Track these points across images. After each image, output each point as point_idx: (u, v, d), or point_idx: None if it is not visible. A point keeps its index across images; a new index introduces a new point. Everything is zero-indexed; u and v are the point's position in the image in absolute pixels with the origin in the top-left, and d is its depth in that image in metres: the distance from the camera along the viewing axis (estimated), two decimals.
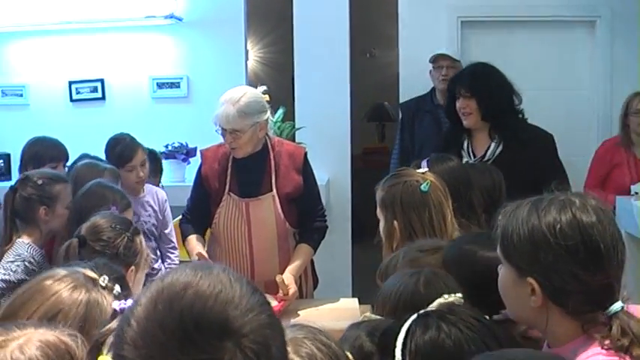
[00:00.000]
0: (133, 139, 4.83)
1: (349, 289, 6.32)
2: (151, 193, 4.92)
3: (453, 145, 4.77)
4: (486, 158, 4.62)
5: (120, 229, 3.06)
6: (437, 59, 5.91)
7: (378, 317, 2.23)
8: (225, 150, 4.22)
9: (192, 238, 4.30)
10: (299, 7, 6.43)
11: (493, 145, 4.65)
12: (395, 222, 3.21)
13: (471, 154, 4.72)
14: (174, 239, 4.98)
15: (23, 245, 3.70)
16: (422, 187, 3.20)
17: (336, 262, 6.26)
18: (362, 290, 6.52)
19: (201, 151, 4.45)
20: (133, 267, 2.99)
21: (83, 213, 3.45)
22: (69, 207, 3.79)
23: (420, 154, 5.06)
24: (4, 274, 3.54)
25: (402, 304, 2.21)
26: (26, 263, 3.60)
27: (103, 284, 2.09)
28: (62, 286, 2.02)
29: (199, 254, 4.10)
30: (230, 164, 4.23)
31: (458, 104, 4.70)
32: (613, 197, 5.30)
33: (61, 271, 2.10)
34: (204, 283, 1.36)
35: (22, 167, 4.90)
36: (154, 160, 4.94)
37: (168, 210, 4.97)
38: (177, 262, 4.84)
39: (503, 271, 2.07)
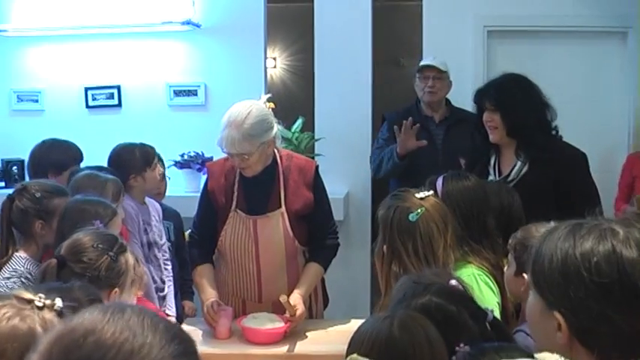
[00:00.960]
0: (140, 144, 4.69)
1: (367, 307, 6.13)
2: (150, 203, 4.70)
3: (480, 160, 4.55)
4: (510, 178, 4.36)
5: (102, 248, 2.86)
6: (423, 70, 5.68)
7: None
8: (232, 164, 4.04)
9: (201, 272, 4.13)
10: (320, 15, 6.28)
11: (519, 164, 4.38)
12: (384, 245, 3.11)
13: (497, 171, 4.47)
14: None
15: (20, 260, 3.54)
16: (410, 216, 3.07)
17: (354, 278, 6.11)
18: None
19: (207, 166, 4.29)
20: (116, 289, 2.83)
21: (65, 233, 3.29)
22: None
23: (415, 168, 5.02)
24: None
25: (376, 350, 2.08)
26: (22, 279, 3.42)
27: (40, 304, 1.87)
28: None
29: (214, 304, 3.93)
30: (237, 179, 4.07)
31: (484, 117, 4.45)
32: None
33: None
34: (109, 330, 1.22)
35: (39, 175, 4.65)
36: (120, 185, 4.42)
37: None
38: (171, 273, 4.61)
39: (532, 300, 1.87)
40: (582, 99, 6.21)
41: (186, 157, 6.14)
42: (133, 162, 4.56)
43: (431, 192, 3.19)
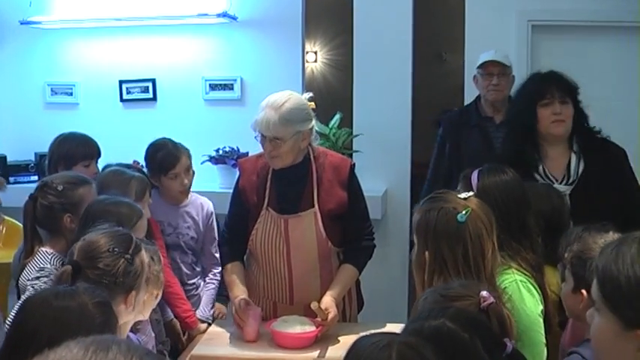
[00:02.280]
0: (175, 144, 4.52)
1: (404, 309, 5.98)
2: (195, 204, 4.59)
3: (524, 165, 4.12)
4: (571, 180, 4.13)
5: (118, 252, 2.71)
6: (485, 65, 5.32)
7: None
8: (264, 161, 3.91)
9: (231, 270, 4.02)
10: (359, 8, 6.10)
11: (573, 160, 4.15)
12: (426, 253, 2.86)
13: (550, 176, 4.15)
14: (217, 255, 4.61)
15: (46, 256, 3.40)
16: (458, 216, 2.82)
17: (391, 279, 5.95)
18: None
19: (238, 163, 4.16)
20: (133, 291, 2.71)
21: (85, 234, 3.16)
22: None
23: None
24: None
25: None
26: (52, 277, 3.27)
27: None
28: None
29: (242, 302, 3.81)
30: (269, 177, 3.93)
31: (548, 110, 4.15)
32: None
33: None
34: None
35: (52, 168, 4.57)
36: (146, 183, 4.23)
37: (215, 223, 4.62)
38: (218, 277, 4.51)
39: (601, 321, 1.73)
40: (630, 96, 5.99)
41: (221, 152, 6.01)
42: (152, 164, 4.50)
43: (471, 193, 3.00)
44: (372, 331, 1.95)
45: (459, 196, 2.92)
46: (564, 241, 3.04)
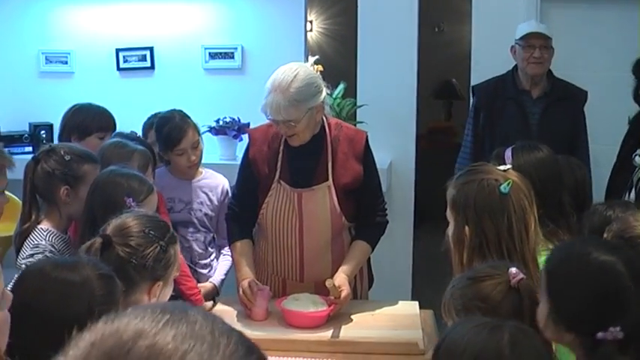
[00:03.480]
0: (183, 117, 4.34)
1: (409, 282, 5.87)
2: (211, 180, 4.45)
3: (633, 134, 4.33)
4: None
5: (153, 236, 2.58)
6: (528, 37, 5.00)
7: None
8: (276, 130, 3.75)
9: (239, 248, 3.87)
10: None
11: None
12: (466, 228, 2.71)
13: None
14: None
15: (41, 233, 3.27)
16: (501, 187, 2.67)
17: (396, 254, 5.81)
18: (422, 283, 6.12)
19: (248, 132, 4.00)
20: (160, 282, 2.56)
21: (94, 207, 3.01)
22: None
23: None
24: None
25: None
26: (47, 254, 3.14)
27: None
28: None
29: (251, 283, 3.67)
30: (282, 148, 3.77)
31: None
32: None
33: None
34: (168, 335, 0.93)
35: (64, 137, 4.42)
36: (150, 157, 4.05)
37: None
38: (230, 256, 4.35)
39: None
40: None
41: (221, 122, 5.85)
42: (159, 139, 4.34)
43: (509, 165, 2.86)
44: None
45: (498, 168, 2.78)
46: (588, 220, 2.93)
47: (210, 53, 6.07)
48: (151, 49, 6.14)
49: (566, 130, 4.65)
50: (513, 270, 2.25)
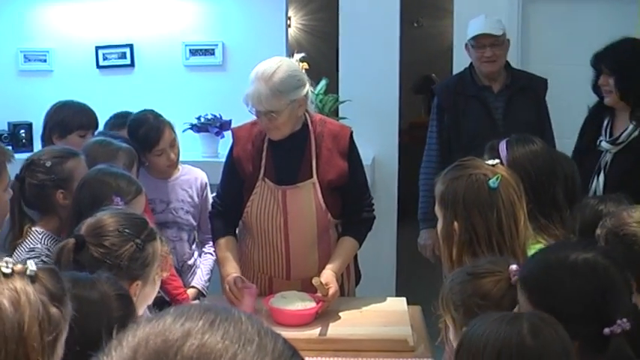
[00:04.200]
0: (157, 117, 4.29)
1: (393, 278, 5.86)
2: (187, 176, 4.39)
3: (593, 122, 4.52)
4: (620, 140, 4.33)
5: (128, 234, 2.52)
6: (477, 38, 4.91)
7: None
8: (260, 128, 3.72)
9: (223, 245, 3.83)
10: None
11: (631, 127, 4.32)
12: (455, 223, 2.69)
13: (608, 133, 4.42)
14: None
15: (36, 236, 3.22)
16: (490, 182, 2.66)
17: (380, 250, 5.78)
18: (407, 279, 6.11)
19: (232, 130, 3.96)
20: (138, 281, 2.50)
21: (82, 208, 2.97)
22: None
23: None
24: None
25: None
26: (43, 258, 3.06)
27: (7, 270, 1.56)
28: None
29: (237, 280, 3.63)
30: (265, 145, 3.74)
31: (600, 81, 4.40)
32: None
33: None
34: (217, 334, 0.91)
35: (46, 136, 4.39)
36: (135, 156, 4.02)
37: (210, 196, 4.37)
38: (212, 253, 4.29)
39: None
40: None
41: (203, 120, 5.82)
42: (135, 141, 4.23)
43: (497, 160, 2.84)
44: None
45: (487, 162, 2.77)
46: (579, 214, 2.92)
47: (190, 50, 6.03)
48: (131, 47, 6.09)
49: (532, 120, 4.69)
50: (514, 267, 2.23)
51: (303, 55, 3.81)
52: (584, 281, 1.95)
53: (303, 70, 3.73)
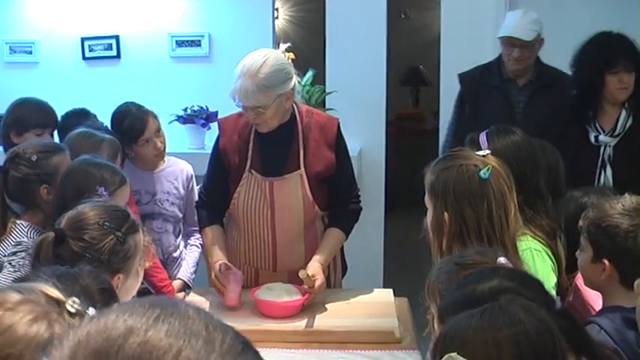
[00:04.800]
0: (139, 107, 4.27)
1: (380, 270, 5.85)
2: (173, 168, 4.36)
3: (578, 118, 4.45)
4: (617, 132, 4.33)
5: (109, 227, 2.47)
6: (506, 38, 4.82)
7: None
8: (246, 119, 3.69)
9: (210, 234, 3.81)
10: None
11: (623, 116, 4.36)
12: (445, 214, 2.66)
13: (599, 127, 4.37)
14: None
15: (22, 229, 3.18)
16: (481, 173, 2.63)
17: (367, 241, 5.77)
18: (394, 270, 6.10)
19: (218, 122, 3.94)
20: (120, 274, 2.47)
21: (66, 199, 2.93)
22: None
23: None
24: (15, 271, 3.01)
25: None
26: (30, 252, 3.06)
27: (73, 309, 1.51)
28: (16, 318, 1.46)
29: (222, 266, 3.61)
30: (252, 137, 3.71)
31: (615, 79, 4.31)
32: None
33: (14, 295, 1.51)
34: (160, 330, 0.88)
35: (4, 133, 4.32)
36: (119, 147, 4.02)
37: (195, 188, 4.35)
38: (198, 245, 4.30)
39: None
40: None
41: (189, 111, 5.80)
42: (120, 134, 4.21)
43: (488, 150, 2.82)
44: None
45: (477, 153, 2.75)
46: (564, 207, 2.91)
47: (177, 41, 6.00)
48: (117, 38, 6.06)
49: (550, 117, 4.59)
50: (502, 260, 2.21)
51: (288, 45, 3.77)
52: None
53: (290, 61, 3.69)
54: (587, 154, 4.35)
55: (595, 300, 2.78)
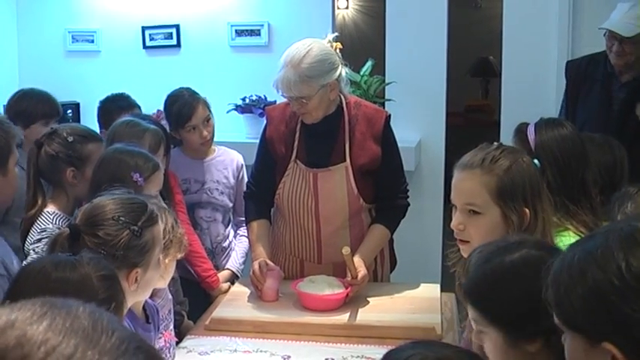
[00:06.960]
0: (192, 94, 4.25)
1: (438, 264, 5.74)
2: (224, 158, 4.34)
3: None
4: None
5: (124, 222, 2.40)
6: (607, 31, 4.61)
7: None
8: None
9: (255, 228, 3.79)
10: None
11: None
12: (526, 210, 2.46)
13: None
14: None
15: (48, 217, 3.20)
16: (535, 161, 2.55)
17: (425, 235, 5.70)
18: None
19: (266, 110, 3.91)
20: (138, 269, 2.42)
21: (100, 185, 2.92)
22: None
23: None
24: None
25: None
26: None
27: None
28: None
29: (261, 264, 3.60)
30: (299, 127, 3.68)
31: None
32: None
33: None
34: (41, 325, 0.89)
35: None
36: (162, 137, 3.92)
37: (246, 178, 4.32)
38: (247, 235, 4.26)
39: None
40: None
41: (247, 100, 5.77)
42: (169, 117, 4.26)
43: (532, 135, 2.74)
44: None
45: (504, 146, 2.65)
46: (618, 200, 2.80)
47: (236, 30, 5.98)
48: (177, 27, 6.07)
49: None
50: None
51: (336, 34, 3.72)
52: (524, 280, 1.85)
53: (337, 51, 3.63)
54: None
55: None
